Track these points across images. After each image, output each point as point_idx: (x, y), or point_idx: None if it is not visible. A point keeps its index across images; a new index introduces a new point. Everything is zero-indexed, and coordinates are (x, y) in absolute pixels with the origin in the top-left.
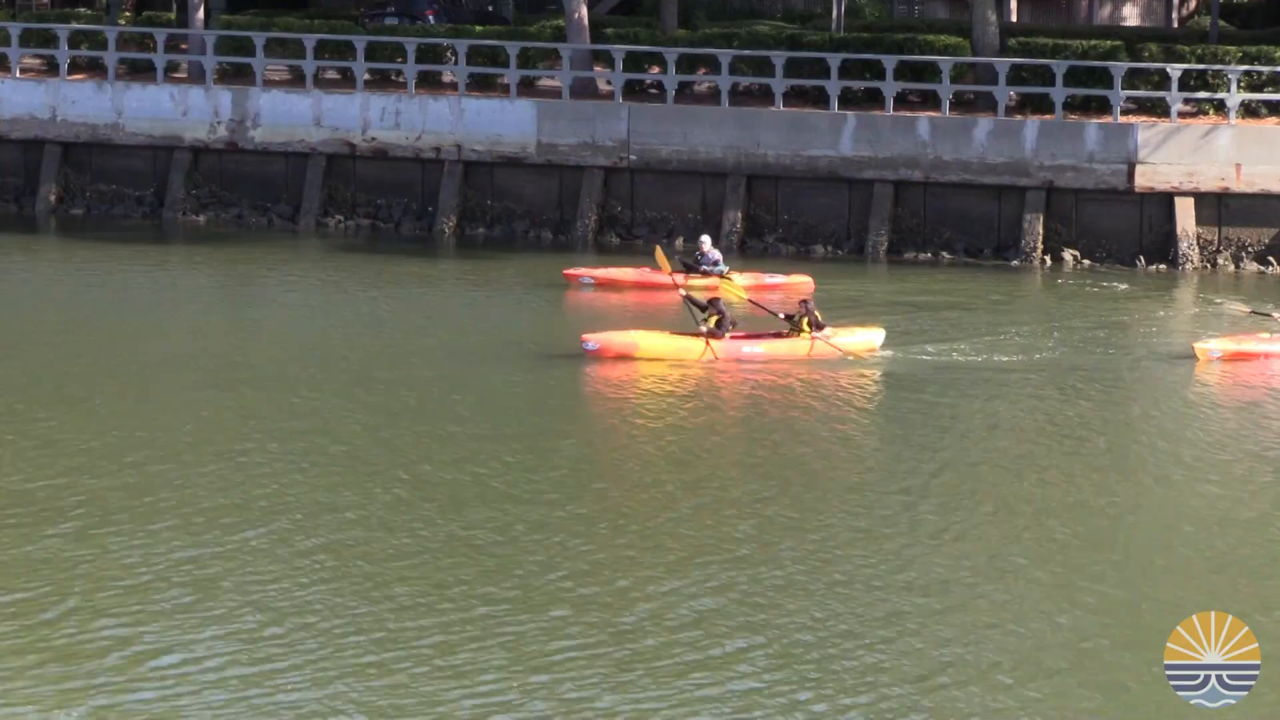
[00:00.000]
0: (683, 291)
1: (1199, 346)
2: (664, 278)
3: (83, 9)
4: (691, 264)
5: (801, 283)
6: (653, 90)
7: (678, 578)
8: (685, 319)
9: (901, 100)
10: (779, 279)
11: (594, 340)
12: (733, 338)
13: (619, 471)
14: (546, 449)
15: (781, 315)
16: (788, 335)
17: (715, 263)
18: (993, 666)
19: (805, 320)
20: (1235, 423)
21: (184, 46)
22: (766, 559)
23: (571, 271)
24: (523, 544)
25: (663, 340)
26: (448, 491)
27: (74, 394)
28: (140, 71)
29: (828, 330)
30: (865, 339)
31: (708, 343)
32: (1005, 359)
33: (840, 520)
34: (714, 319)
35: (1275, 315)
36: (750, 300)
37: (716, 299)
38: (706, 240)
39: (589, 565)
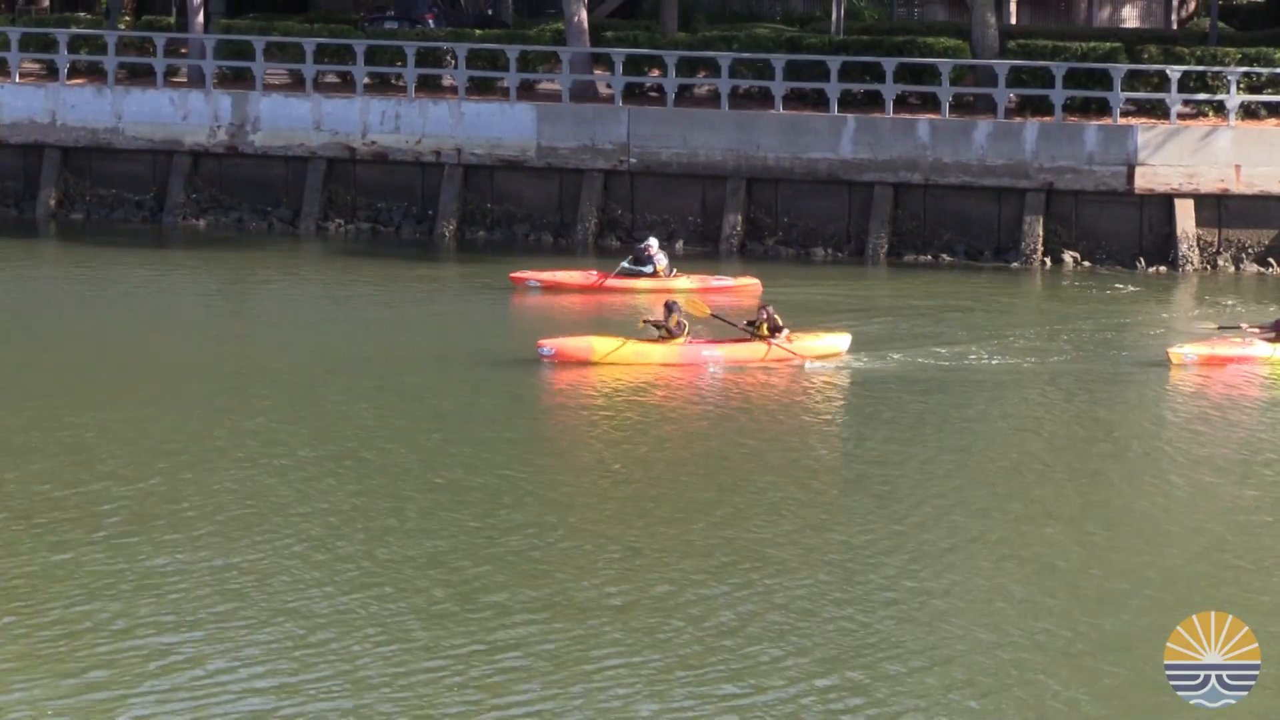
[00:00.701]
0: (645, 321)
1: (1173, 352)
2: (612, 280)
3: (82, 13)
4: (632, 266)
5: (749, 285)
6: (653, 93)
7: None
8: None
9: (901, 102)
10: (726, 281)
11: (550, 345)
12: (692, 342)
13: (580, 479)
14: (513, 458)
15: (743, 323)
16: (749, 340)
17: (661, 265)
18: (991, 667)
19: (765, 325)
20: (1208, 427)
21: (184, 51)
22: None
23: (518, 275)
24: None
25: (618, 345)
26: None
27: (73, 398)
28: (140, 76)
29: (784, 334)
30: (830, 343)
31: (687, 342)
32: (977, 363)
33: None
34: (674, 321)
35: (1244, 326)
36: (713, 315)
37: (673, 302)
38: (654, 242)
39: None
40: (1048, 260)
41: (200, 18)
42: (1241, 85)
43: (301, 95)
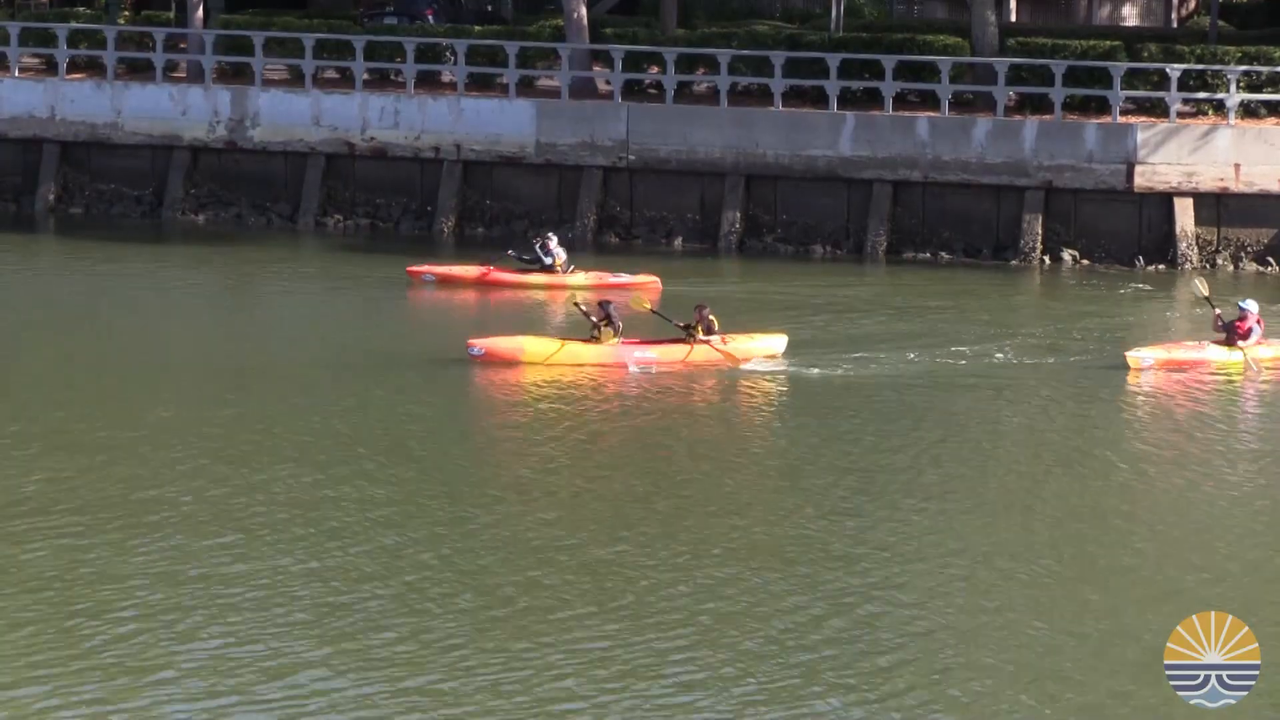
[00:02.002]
0: (578, 303)
1: (1131, 356)
2: (509, 276)
3: (82, 8)
4: (532, 260)
5: (648, 283)
6: (652, 90)
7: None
8: (568, 323)
9: (900, 100)
10: (624, 278)
11: (480, 345)
12: (624, 343)
13: (499, 486)
14: (441, 466)
15: (680, 324)
16: (683, 341)
17: (559, 260)
18: (989, 668)
19: (700, 326)
20: (1162, 430)
21: (183, 46)
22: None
23: (414, 269)
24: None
25: (549, 345)
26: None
27: (72, 395)
28: (139, 71)
29: (716, 338)
30: (766, 345)
31: (619, 343)
32: (920, 366)
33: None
34: (604, 323)
35: (1217, 312)
36: (653, 310)
37: (607, 302)
38: (554, 238)
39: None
40: (1047, 258)
41: (199, 13)
42: (1241, 84)
43: (301, 91)
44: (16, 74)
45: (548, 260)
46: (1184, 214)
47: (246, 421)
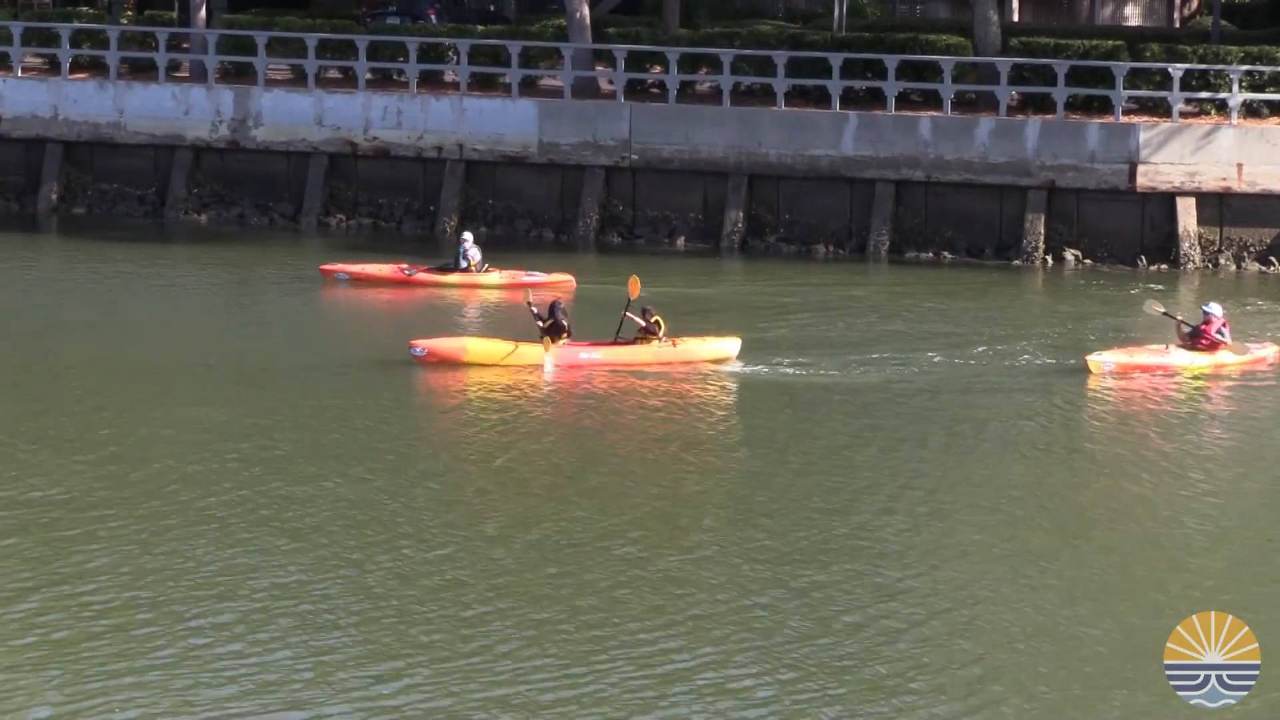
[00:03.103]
0: (529, 300)
1: (1092, 359)
2: (423, 275)
3: (85, 8)
4: (450, 262)
5: (562, 282)
6: (654, 90)
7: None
8: (513, 324)
9: (903, 100)
10: (538, 276)
11: (422, 345)
12: (571, 344)
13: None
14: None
15: (640, 324)
16: (630, 343)
17: (474, 260)
18: (989, 669)
19: (646, 328)
20: (1120, 433)
21: (186, 46)
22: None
23: (327, 267)
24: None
25: (492, 345)
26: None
27: (74, 396)
28: (142, 70)
29: (657, 341)
30: (718, 348)
31: (546, 347)
32: (875, 370)
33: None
34: (549, 324)
35: (1179, 318)
36: (627, 315)
37: (556, 302)
38: (468, 237)
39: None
40: (1049, 258)
41: (203, 13)
42: (1244, 84)
43: (303, 91)
44: (19, 74)
45: (464, 264)
46: (1186, 214)
47: (202, 424)
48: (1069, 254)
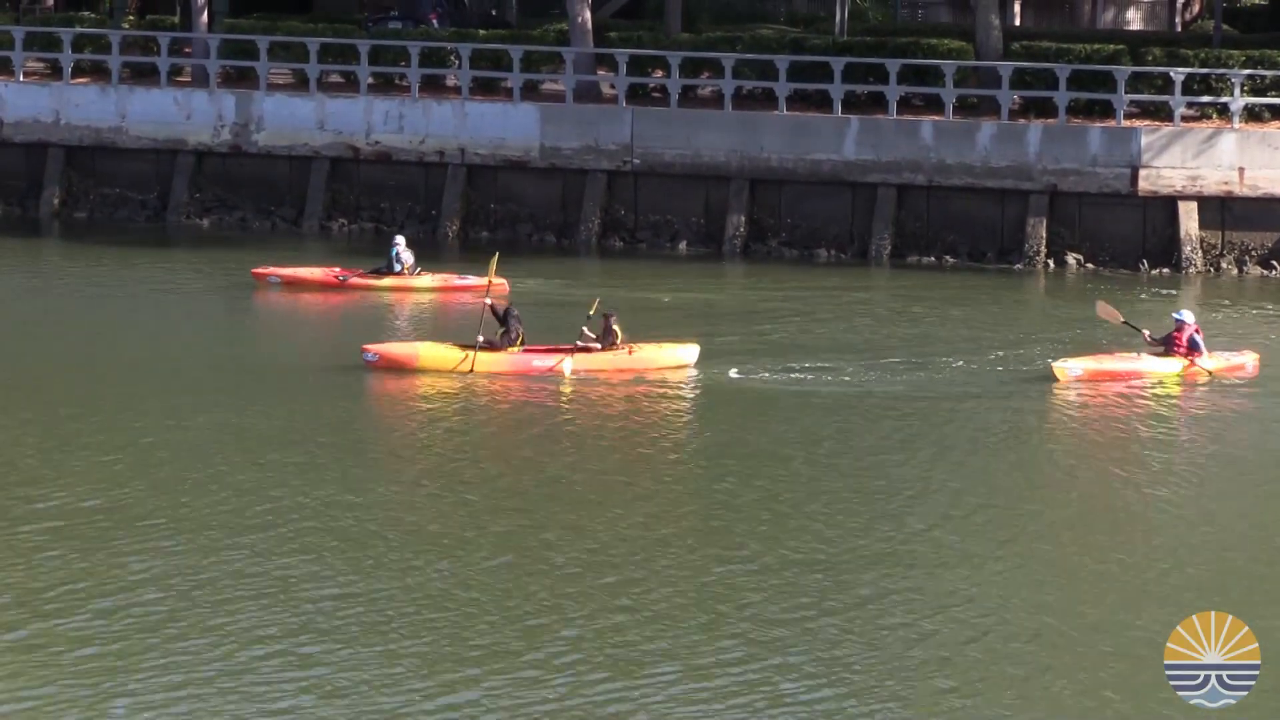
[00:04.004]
0: (487, 300)
1: (1057, 366)
2: (344, 275)
3: (87, 12)
4: (384, 266)
5: (496, 284)
6: (656, 94)
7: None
8: (459, 328)
9: (905, 104)
10: (470, 280)
11: (374, 351)
12: (526, 350)
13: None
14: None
15: (591, 333)
16: (586, 350)
17: (407, 263)
18: (989, 670)
19: (603, 335)
20: (1080, 446)
21: (188, 50)
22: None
23: (260, 270)
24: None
25: (444, 351)
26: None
27: (75, 399)
28: (144, 75)
29: (622, 345)
30: (676, 355)
31: (473, 353)
32: (837, 376)
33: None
34: (500, 332)
35: (1145, 332)
36: (585, 331)
37: (510, 308)
38: (400, 241)
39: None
40: (1051, 262)
41: (204, 17)
42: (1245, 88)
43: (305, 95)
44: (21, 78)
45: (397, 267)
46: (1188, 218)
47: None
48: (1071, 258)
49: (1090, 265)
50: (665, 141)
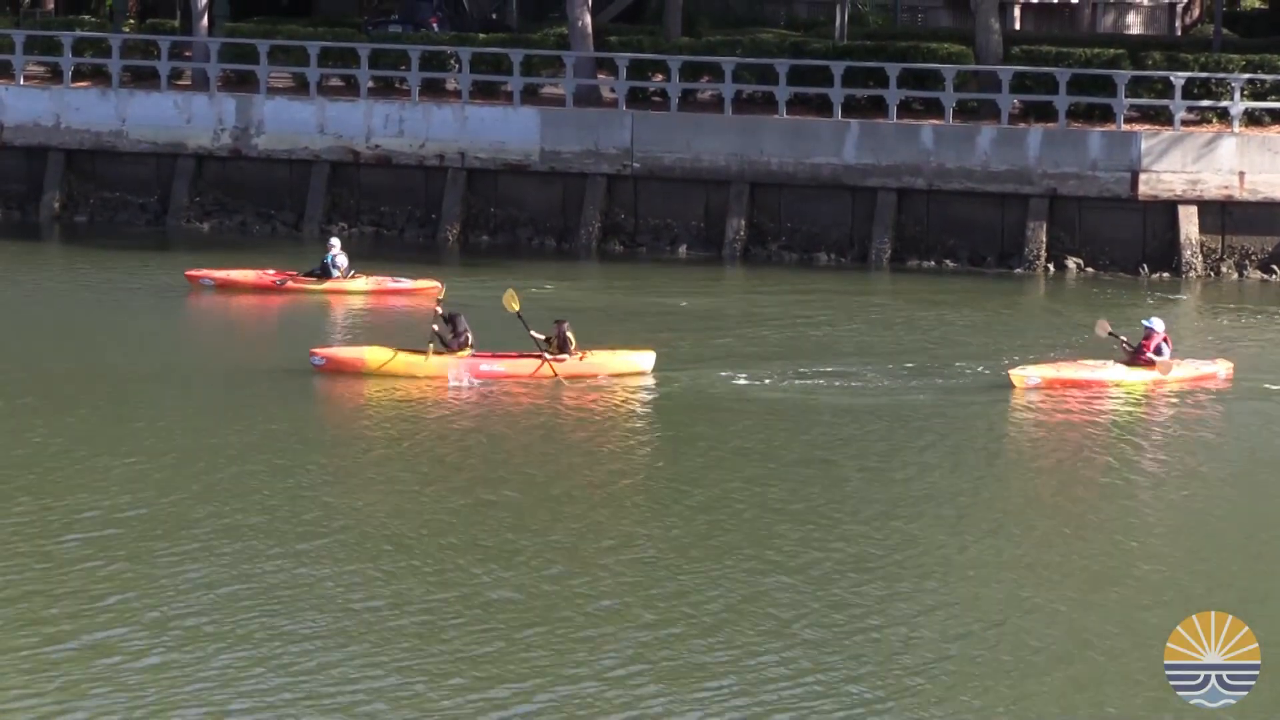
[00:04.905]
0: (438, 307)
1: (1015, 374)
2: (280, 279)
3: (87, 16)
4: (318, 269)
5: (429, 289)
6: (656, 98)
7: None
8: (399, 331)
9: (905, 108)
10: (405, 283)
11: (322, 355)
12: (475, 355)
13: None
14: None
15: (541, 336)
16: (536, 356)
17: (343, 267)
18: (989, 669)
19: (555, 341)
20: (1032, 454)
21: (188, 54)
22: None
23: (193, 273)
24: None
25: (391, 355)
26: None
27: (75, 402)
28: (144, 79)
29: (567, 355)
30: (629, 361)
31: (428, 356)
32: (793, 381)
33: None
34: (450, 335)
35: (1123, 339)
36: (520, 315)
37: (457, 314)
38: (336, 243)
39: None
40: (1051, 267)
41: (205, 21)
42: (1245, 92)
43: (305, 99)
44: (22, 82)
45: (334, 272)
46: (1188, 222)
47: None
48: (1071, 262)
49: (1090, 269)
50: (665, 145)
